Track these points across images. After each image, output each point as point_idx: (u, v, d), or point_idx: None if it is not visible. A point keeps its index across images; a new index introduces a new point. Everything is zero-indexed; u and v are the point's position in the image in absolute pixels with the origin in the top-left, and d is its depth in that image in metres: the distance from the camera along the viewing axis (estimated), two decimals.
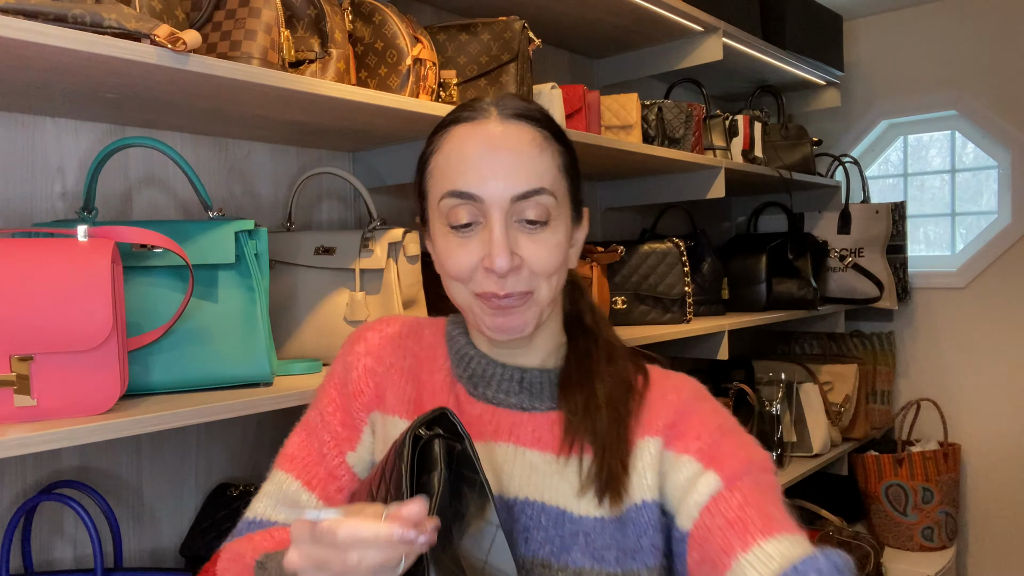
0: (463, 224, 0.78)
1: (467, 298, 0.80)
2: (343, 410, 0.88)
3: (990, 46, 2.64)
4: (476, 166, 0.77)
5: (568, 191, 0.82)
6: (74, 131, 1.21)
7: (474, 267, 0.78)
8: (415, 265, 1.34)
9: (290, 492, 0.85)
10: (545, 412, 0.82)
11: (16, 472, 1.15)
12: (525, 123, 0.79)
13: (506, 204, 0.76)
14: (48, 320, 0.83)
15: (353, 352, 0.90)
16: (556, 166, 0.80)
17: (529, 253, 0.77)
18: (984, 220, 2.75)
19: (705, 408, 0.81)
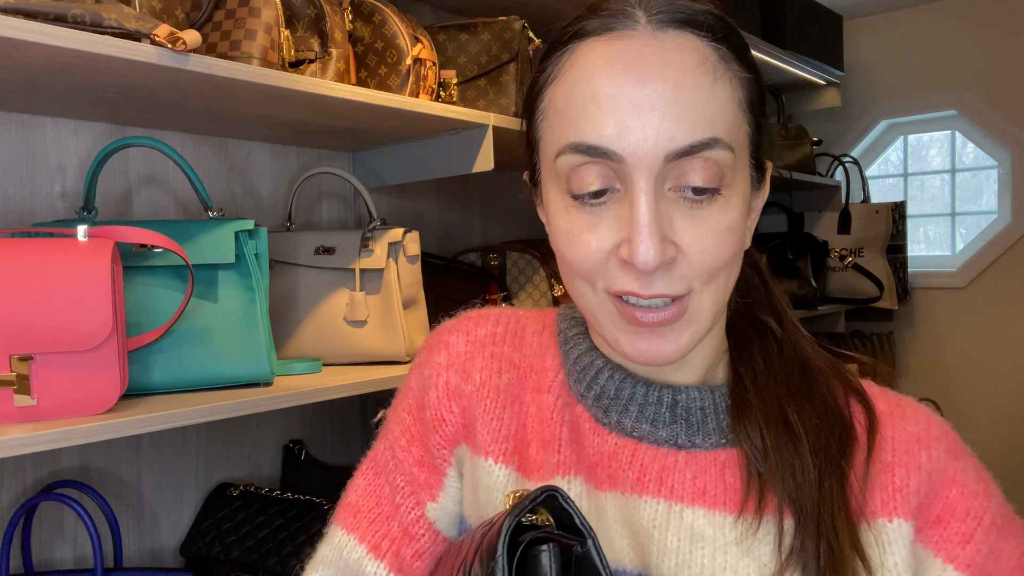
0: (591, 192, 0.53)
1: (596, 303, 0.56)
2: (420, 444, 0.65)
3: (990, 46, 2.63)
4: (613, 106, 0.51)
5: (750, 140, 0.56)
6: (74, 131, 1.21)
7: (605, 258, 0.54)
8: (415, 265, 1.34)
9: (351, 561, 0.63)
10: (713, 451, 0.58)
11: (16, 472, 1.15)
12: (691, 34, 0.53)
13: (658, 164, 0.51)
14: (48, 320, 0.83)
15: (431, 363, 0.66)
16: (736, 101, 0.54)
17: (690, 240, 0.52)
18: (984, 220, 2.75)
19: (969, 478, 0.55)
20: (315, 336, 1.28)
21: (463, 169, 1.42)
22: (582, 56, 0.54)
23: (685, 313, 0.54)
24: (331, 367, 1.28)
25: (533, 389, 0.64)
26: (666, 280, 0.53)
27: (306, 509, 1.25)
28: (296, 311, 1.30)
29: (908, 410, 0.59)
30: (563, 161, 0.54)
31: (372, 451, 0.68)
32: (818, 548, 0.51)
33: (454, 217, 1.85)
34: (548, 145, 0.56)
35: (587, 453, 0.59)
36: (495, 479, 0.61)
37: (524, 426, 0.62)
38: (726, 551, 0.55)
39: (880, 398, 0.60)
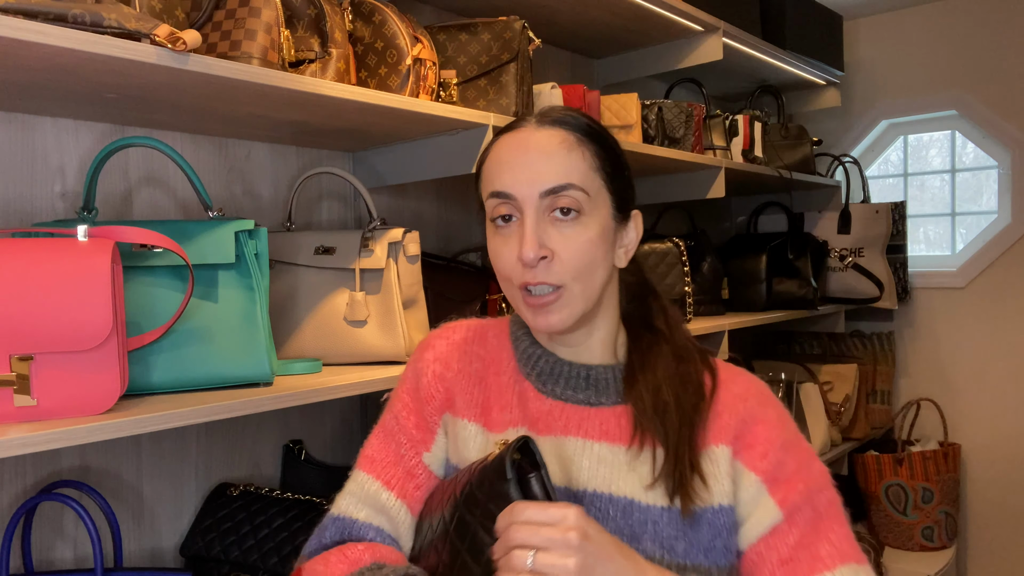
0: (502, 217, 0.84)
1: (514, 295, 0.85)
2: (417, 413, 0.92)
3: (990, 46, 2.64)
4: (510, 168, 0.83)
5: (607, 190, 0.85)
6: (74, 131, 1.21)
7: (514, 262, 0.83)
8: (415, 265, 1.34)
9: (370, 492, 0.89)
10: (611, 407, 0.86)
11: (16, 472, 1.15)
12: (558, 127, 0.85)
13: (535, 199, 0.82)
14: (48, 320, 0.83)
15: (423, 359, 0.95)
16: (588, 165, 0.83)
17: (559, 247, 0.81)
18: (984, 220, 2.75)
19: (771, 417, 0.85)
20: (315, 336, 1.29)
21: (463, 169, 1.42)
22: (499, 144, 0.87)
23: (561, 298, 0.82)
24: (331, 367, 1.28)
25: (494, 373, 0.92)
26: (546, 273, 0.81)
27: (306, 509, 1.25)
28: (296, 311, 1.30)
29: (738, 378, 0.89)
30: (489, 203, 0.85)
31: (380, 422, 0.94)
32: (675, 468, 0.81)
33: (454, 217, 1.85)
34: (483, 194, 0.87)
35: (531, 411, 0.88)
36: (469, 432, 0.90)
37: (488, 398, 0.91)
38: (620, 469, 0.83)
39: (723, 371, 0.89)
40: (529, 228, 0.81)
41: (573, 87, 1.71)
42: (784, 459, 0.82)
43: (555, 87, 1.61)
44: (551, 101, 1.59)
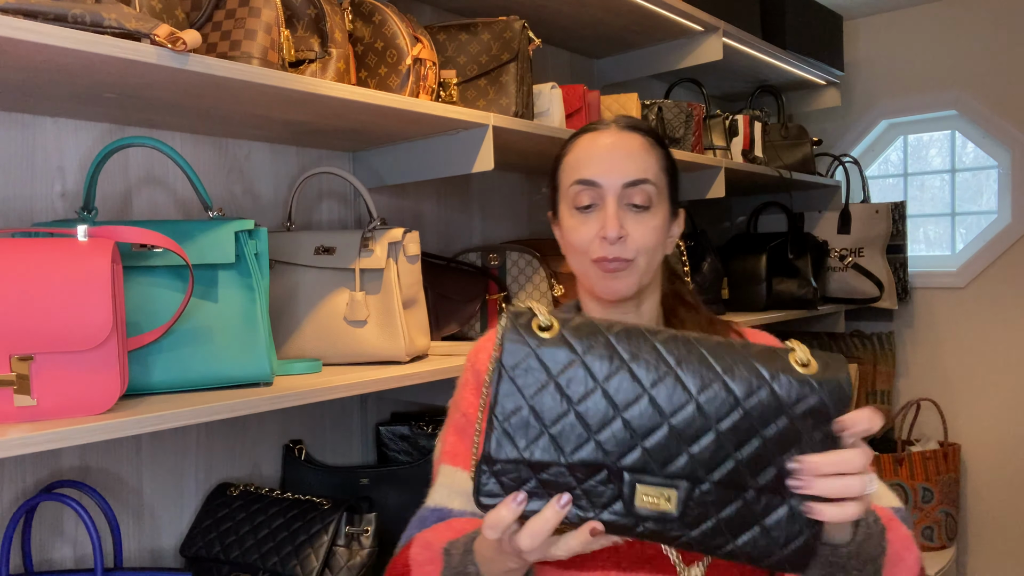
0: (585, 205, 0.99)
1: (585, 265, 1.00)
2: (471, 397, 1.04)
3: (990, 46, 2.63)
4: (599, 161, 0.98)
5: (667, 189, 1.02)
6: (74, 131, 1.21)
7: (592, 239, 0.98)
8: (415, 265, 1.34)
9: (458, 480, 0.99)
10: None
11: (16, 472, 1.15)
12: (636, 132, 1.01)
13: (618, 189, 0.97)
14: (48, 320, 0.83)
15: (479, 360, 1.07)
16: (659, 166, 1.01)
17: (633, 230, 0.97)
18: (984, 220, 2.75)
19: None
20: (315, 336, 1.28)
21: (463, 169, 1.42)
22: (584, 140, 1.03)
23: (628, 269, 0.98)
24: (331, 367, 1.28)
25: None
26: (621, 249, 0.97)
27: (306, 509, 1.25)
28: (296, 311, 1.30)
29: (760, 335, 1.07)
30: (572, 189, 1.00)
31: (449, 423, 1.05)
32: None
33: (454, 217, 1.85)
34: (564, 183, 1.02)
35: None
36: None
37: None
38: None
39: (748, 332, 1.07)
40: (612, 212, 0.97)
41: (573, 87, 1.71)
42: None
43: (555, 87, 1.61)
44: (551, 101, 1.59)
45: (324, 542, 1.21)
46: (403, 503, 1.46)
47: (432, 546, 0.89)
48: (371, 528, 1.23)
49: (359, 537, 1.23)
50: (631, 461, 0.68)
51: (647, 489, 0.68)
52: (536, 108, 1.59)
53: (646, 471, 0.68)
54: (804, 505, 0.68)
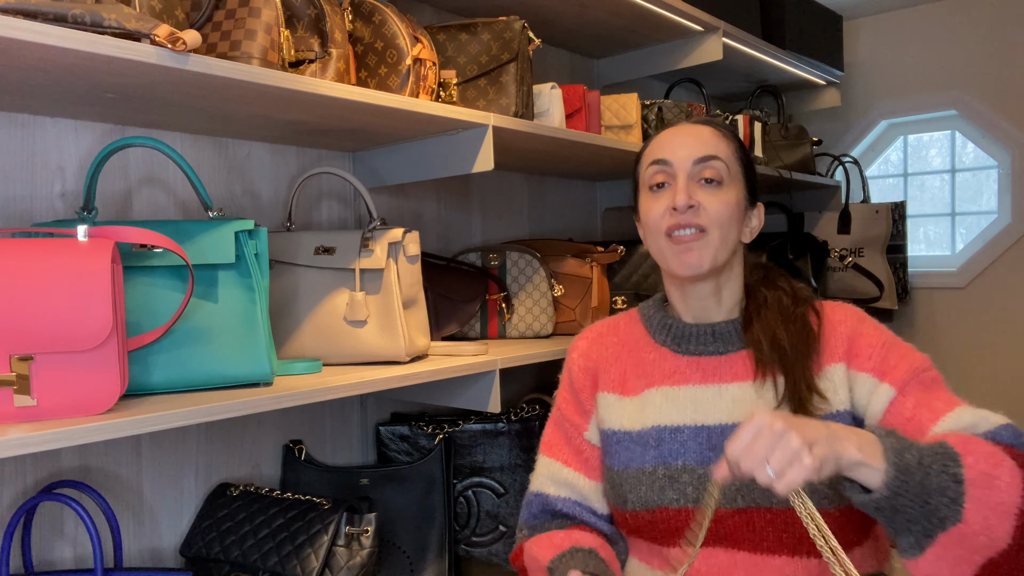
0: (658, 184, 1.05)
1: (660, 243, 1.05)
2: (574, 403, 1.15)
3: (990, 46, 2.63)
4: (670, 143, 1.06)
5: (742, 174, 1.07)
6: (74, 131, 1.21)
7: (663, 212, 1.03)
8: (415, 265, 1.34)
9: (554, 470, 1.12)
10: (736, 353, 1.05)
11: (16, 472, 1.15)
12: (710, 126, 1.08)
13: (688, 165, 1.03)
14: (48, 320, 0.83)
15: (571, 359, 1.18)
16: (731, 149, 1.06)
17: (705, 200, 1.02)
18: (984, 220, 2.75)
19: (868, 329, 1.03)
20: (315, 336, 1.29)
21: (463, 169, 1.42)
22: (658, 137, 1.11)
23: (701, 239, 1.02)
24: (331, 367, 1.28)
25: (628, 351, 1.13)
26: (693, 216, 1.02)
27: (306, 509, 1.25)
28: (296, 311, 1.30)
29: (837, 309, 1.07)
30: (647, 171, 1.08)
31: (551, 415, 1.17)
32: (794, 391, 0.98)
33: (454, 217, 1.85)
34: (642, 169, 1.10)
35: (669, 369, 1.08)
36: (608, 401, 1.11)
37: (624, 371, 1.11)
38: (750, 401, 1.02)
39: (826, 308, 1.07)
40: (682, 183, 1.03)
41: (573, 87, 1.71)
42: (886, 355, 1.00)
43: (555, 87, 1.61)
44: (551, 101, 1.59)
45: (324, 542, 1.21)
46: (403, 503, 1.46)
47: (537, 561, 1.04)
48: (371, 528, 1.23)
49: (359, 537, 1.23)
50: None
51: None
52: (536, 108, 1.59)
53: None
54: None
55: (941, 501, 0.80)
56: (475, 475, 1.56)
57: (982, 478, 0.82)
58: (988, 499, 0.81)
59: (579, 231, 2.24)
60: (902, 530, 0.82)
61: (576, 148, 1.66)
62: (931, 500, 0.80)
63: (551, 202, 2.14)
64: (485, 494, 1.56)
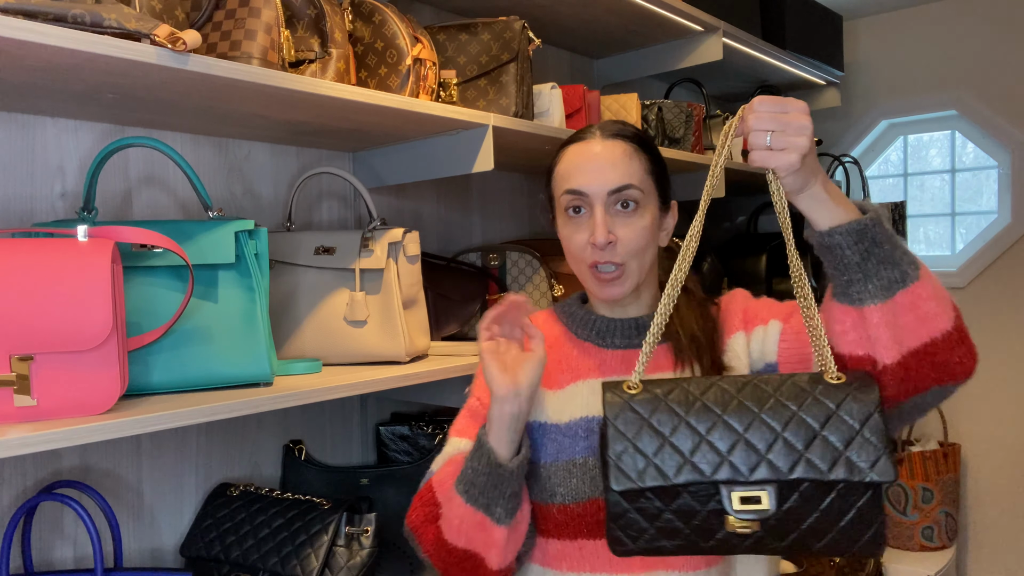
0: (575, 207, 1.06)
1: (583, 271, 1.07)
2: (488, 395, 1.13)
3: (990, 46, 2.63)
4: (584, 172, 1.05)
5: (655, 188, 1.08)
6: (74, 131, 1.21)
7: (584, 245, 1.05)
8: (415, 265, 1.34)
9: (462, 447, 1.07)
10: (660, 345, 1.07)
11: (16, 472, 1.15)
12: (619, 140, 1.07)
13: (604, 196, 1.04)
14: (48, 320, 0.83)
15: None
16: (643, 170, 1.07)
17: (622, 234, 1.03)
18: (984, 220, 2.75)
19: (753, 300, 1.11)
20: (315, 336, 1.29)
21: (463, 169, 1.42)
22: (570, 151, 1.09)
23: (623, 274, 1.05)
24: (331, 367, 1.28)
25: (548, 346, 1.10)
26: (611, 254, 1.03)
27: (306, 509, 1.25)
28: (296, 311, 1.30)
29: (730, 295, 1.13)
30: (563, 198, 1.07)
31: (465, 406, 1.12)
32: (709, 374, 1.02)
33: (454, 217, 1.85)
34: (557, 192, 1.09)
35: (594, 362, 1.09)
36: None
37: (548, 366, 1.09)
38: None
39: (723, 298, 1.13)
40: (599, 219, 1.03)
41: (573, 87, 1.71)
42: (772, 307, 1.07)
43: (555, 87, 1.61)
44: (551, 101, 1.59)
45: (324, 542, 1.21)
46: (403, 503, 1.46)
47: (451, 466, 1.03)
48: (371, 528, 1.23)
49: (359, 537, 1.23)
50: (723, 475, 0.81)
51: (740, 494, 0.82)
52: (536, 108, 1.59)
53: (736, 481, 0.81)
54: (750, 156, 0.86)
55: (905, 259, 0.85)
56: None
57: (931, 275, 0.88)
58: (936, 286, 0.87)
59: None
60: (871, 273, 0.85)
61: None
62: (897, 255, 0.85)
63: None
64: None
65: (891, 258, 0.85)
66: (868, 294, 0.85)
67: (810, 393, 0.83)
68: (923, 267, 0.87)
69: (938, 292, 0.86)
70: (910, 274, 0.85)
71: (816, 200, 0.88)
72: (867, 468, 0.79)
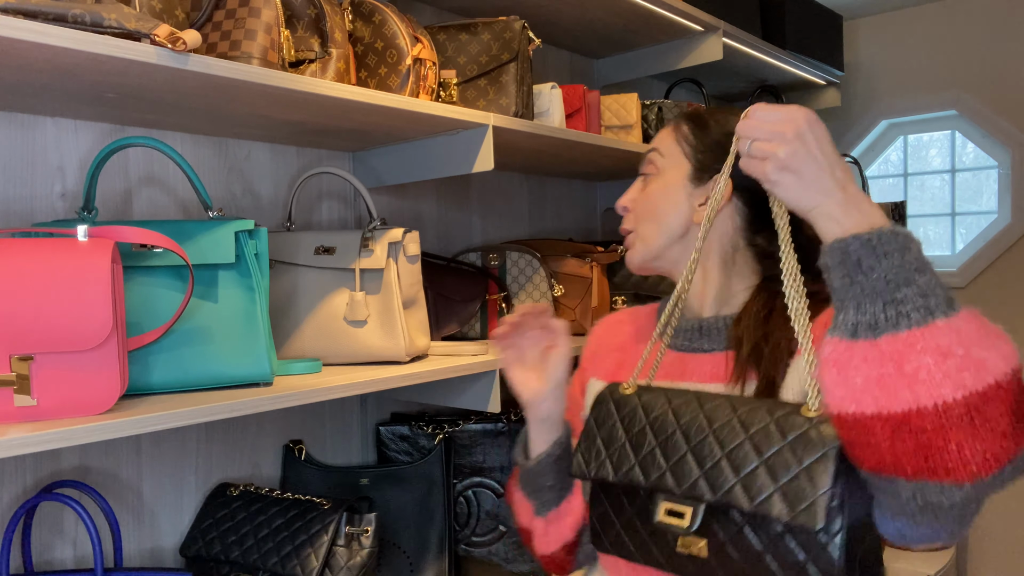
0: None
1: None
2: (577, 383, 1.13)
3: (990, 46, 2.63)
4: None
5: (684, 156, 1.00)
6: (74, 131, 1.21)
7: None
8: (415, 265, 1.34)
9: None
10: (722, 352, 0.95)
11: (16, 472, 1.15)
12: (675, 120, 1.05)
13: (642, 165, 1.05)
14: (48, 320, 0.83)
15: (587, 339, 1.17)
16: (675, 137, 1.01)
17: (636, 200, 1.03)
18: (984, 220, 2.75)
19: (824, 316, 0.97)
20: (315, 336, 1.29)
21: (463, 169, 1.42)
22: None
23: (633, 242, 1.03)
24: (331, 367, 1.28)
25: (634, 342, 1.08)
26: (625, 221, 1.04)
27: (306, 509, 1.25)
28: (296, 311, 1.30)
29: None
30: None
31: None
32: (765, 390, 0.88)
33: (454, 217, 1.85)
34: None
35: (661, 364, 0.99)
36: (596, 387, 1.07)
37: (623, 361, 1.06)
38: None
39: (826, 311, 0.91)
40: (628, 190, 1.05)
41: (573, 87, 1.70)
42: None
43: (555, 87, 1.61)
44: (551, 101, 1.59)
45: (324, 542, 1.21)
46: (403, 503, 1.46)
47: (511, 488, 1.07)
48: (371, 528, 1.23)
49: (359, 537, 1.23)
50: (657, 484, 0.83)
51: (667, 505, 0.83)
52: (536, 108, 1.59)
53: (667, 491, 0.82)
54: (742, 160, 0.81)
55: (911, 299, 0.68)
56: (475, 475, 1.56)
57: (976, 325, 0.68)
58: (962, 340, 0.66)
59: (579, 231, 2.24)
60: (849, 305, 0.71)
61: (576, 148, 1.66)
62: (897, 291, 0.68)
63: (551, 202, 2.14)
64: (485, 494, 1.56)
65: (882, 291, 0.69)
66: (845, 329, 0.71)
67: (771, 421, 0.77)
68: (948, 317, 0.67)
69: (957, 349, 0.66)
70: (913, 317, 0.67)
71: (827, 219, 0.75)
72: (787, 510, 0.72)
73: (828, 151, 0.76)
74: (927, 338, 0.66)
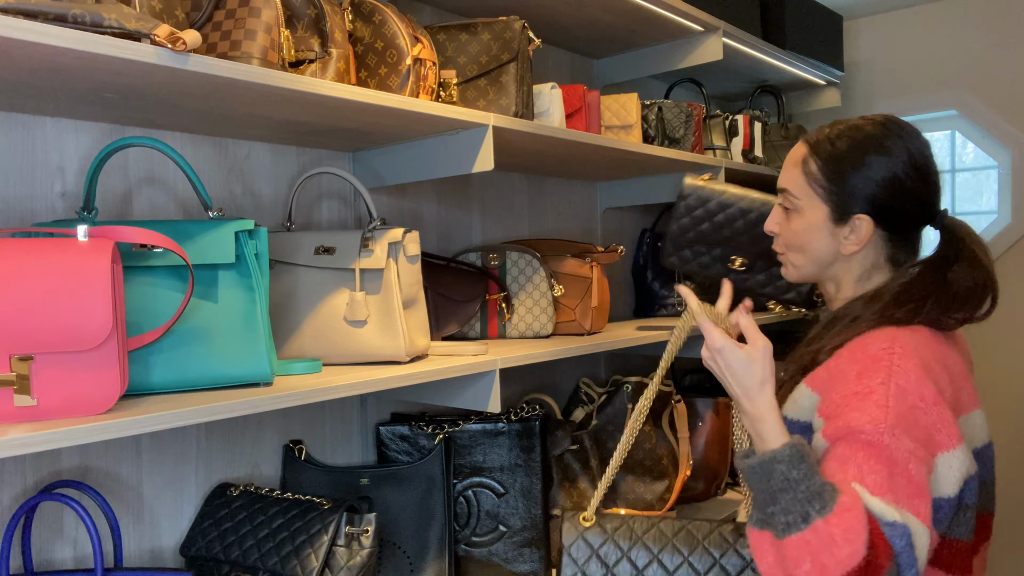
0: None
1: None
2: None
3: (990, 46, 2.63)
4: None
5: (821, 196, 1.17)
6: (74, 131, 1.21)
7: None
8: (415, 265, 1.34)
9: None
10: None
11: (16, 472, 1.15)
12: (803, 144, 1.21)
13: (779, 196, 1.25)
14: (48, 320, 0.83)
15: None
16: (807, 178, 1.18)
17: (781, 230, 1.25)
18: (984, 220, 2.75)
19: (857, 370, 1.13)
20: (315, 336, 1.28)
21: (463, 169, 1.42)
22: None
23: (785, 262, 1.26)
24: (331, 367, 1.28)
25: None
26: (776, 243, 1.27)
27: (306, 509, 1.25)
28: (296, 311, 1.30)
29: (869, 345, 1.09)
30: None
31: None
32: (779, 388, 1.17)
33: (454, 217, 1.85)
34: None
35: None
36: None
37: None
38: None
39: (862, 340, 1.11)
40: (773, 211, 1.26)
41: (573, 87, 1.70)
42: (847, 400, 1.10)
43: (555, 87, 1.61)
44: (551, 101, 1.59)
45: (324, 542, 1.21)
46: (403, 503, 1.46)
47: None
48: (371, 528, 1.23)
49: (359, 537, 1.23)
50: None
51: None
52: (536, 108, 1.59)
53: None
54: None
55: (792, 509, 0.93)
56: (475, 475, 1.56)
57: (824, 536, 0.90)
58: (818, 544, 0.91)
59: (579, 231, 2.24)
60: (756, 502, 0.97)
61: (576, 148, 1.66)
62: (775, 505, 0.95)
63: (551, 202, 2.14)
64: (485, 494, 1.56)
65: (761, 505, 0.97)
66: (752, 521, 1.00)
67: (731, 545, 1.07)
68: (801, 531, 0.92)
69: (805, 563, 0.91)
70: (779, 528, 0.94)
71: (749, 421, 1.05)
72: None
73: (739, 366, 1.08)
74: (787, 547, 0.92)
